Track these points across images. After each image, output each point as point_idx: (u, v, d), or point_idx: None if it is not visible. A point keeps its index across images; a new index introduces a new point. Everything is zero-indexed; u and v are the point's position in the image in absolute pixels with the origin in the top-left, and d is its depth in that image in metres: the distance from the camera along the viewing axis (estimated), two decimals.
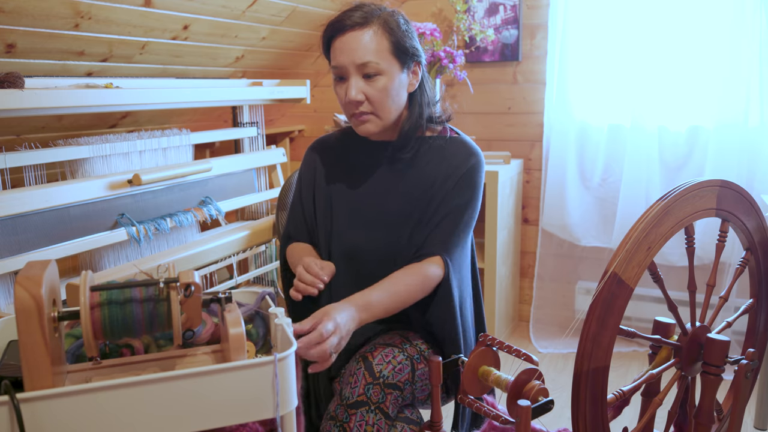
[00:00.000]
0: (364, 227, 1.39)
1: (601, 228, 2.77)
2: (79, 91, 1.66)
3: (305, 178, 1.50)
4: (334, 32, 1.27)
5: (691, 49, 2.49)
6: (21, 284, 0.78)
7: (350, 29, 1.25)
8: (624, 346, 2.74)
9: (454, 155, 1.36)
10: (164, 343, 1.03)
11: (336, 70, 1.29)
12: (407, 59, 1.30)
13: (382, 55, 1.25)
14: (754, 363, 1.25)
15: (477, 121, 2.97)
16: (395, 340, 1.29)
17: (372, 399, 1.18)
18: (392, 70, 1.27)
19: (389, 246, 1.36)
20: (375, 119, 1.31)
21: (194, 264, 1.81)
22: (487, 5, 2.81)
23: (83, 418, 0.78)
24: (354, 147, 1.46)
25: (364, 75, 1.26)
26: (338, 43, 1.27)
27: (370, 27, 1.25)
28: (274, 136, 3.21)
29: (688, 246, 1.23)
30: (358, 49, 1.24)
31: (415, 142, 1.37)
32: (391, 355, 1.23)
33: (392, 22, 1.27)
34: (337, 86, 1.31)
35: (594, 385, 1.08)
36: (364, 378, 1.19)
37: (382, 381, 1.19)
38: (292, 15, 2.51)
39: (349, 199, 1.42)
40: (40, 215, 1.58)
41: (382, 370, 1.20)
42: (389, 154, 1.39)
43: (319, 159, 1.49)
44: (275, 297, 1.05)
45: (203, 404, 0.83)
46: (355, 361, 1.23)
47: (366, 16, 1.26)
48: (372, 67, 1.25)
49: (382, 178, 1.40)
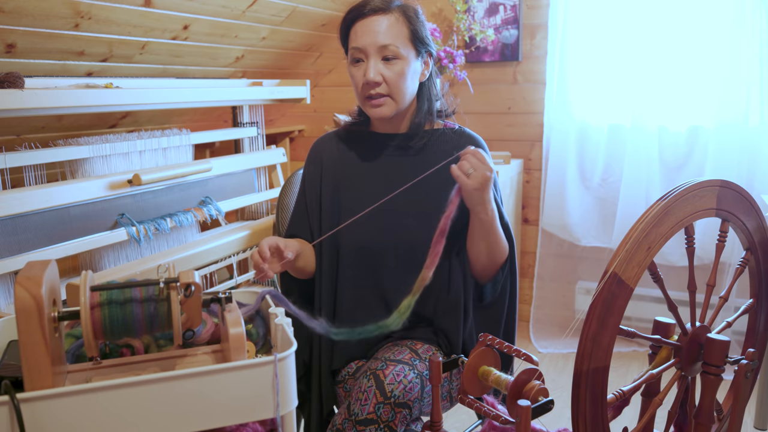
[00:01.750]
0: (374, 218, 1.39)
1: (601, 228, 2.77)
2: (79, 91, 1.66)
3: (310, 173, 1.50)
4: (357, 15, 1.34)
5: (691, 49, 2.49)
6: (21, 284, 0.78)
7: (373, 13, 1.32)
8: (624, 346, 2.74)
9: (465, 144, 1.39)
10: (164, 343, 1.03)
11: (355, 52, 1.34)
12: (422, 48, 1.37)
13: (402, 40, 1.32)
14: (754, 363, 1.25)
15: (477, 121, 2.97)
16: (405, 355, 1.29)
17: (382, 418, 1.18)
18: (409, 56, 1.34)
19: (399, 236, 1.37)
20: (390, 102, 1.35)
21: (194, 264, 1.81)
22: (487, 5, 2.81)
23: (83, 418, 0.78)
24: (360, 140, 1.47)
25: (383, 58, 1.32)
26: (360, 26, 1.33)
27: (392, 13, 1.32)
28: (274, 136, 3.21)
29: (688, 246, 1.23)
30: (380, 32, 1.31)
31: (424, 134, 1.42)
32: (402, 374, 1.22)
33: (411, 11, 1.35)
34: (354, 68, 1.36)
35: (594, 385, 1.08)
36: (375, 397, 1.19)
37: (393, 401, 1.19)
38: (292, 15, 2.51)
39: (357, 190, 1.43)
40: (40, 215, 1.58)
41: (393, 390, 1.19)
42: (398, 144, 1.42)
43: (325, 154, 1.50)
44: (280, 296, 1.05)
45: (203, 404, 0.83)
46: (365, 378, 1.22)
47: (387, 2, 1.33)
48: (391, 51, 1.31)
49: (391, 169, 1.42)
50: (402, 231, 1.37)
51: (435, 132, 1.43)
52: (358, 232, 1.38)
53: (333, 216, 1.43)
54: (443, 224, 1.19)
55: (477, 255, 1.36)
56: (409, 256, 1.35)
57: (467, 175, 1.22)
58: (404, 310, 1.17)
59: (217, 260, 1.92)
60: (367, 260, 1.38)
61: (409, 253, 1.35)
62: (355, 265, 1.39)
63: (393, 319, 1.17)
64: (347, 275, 1.39)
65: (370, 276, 1.38)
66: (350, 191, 1.44)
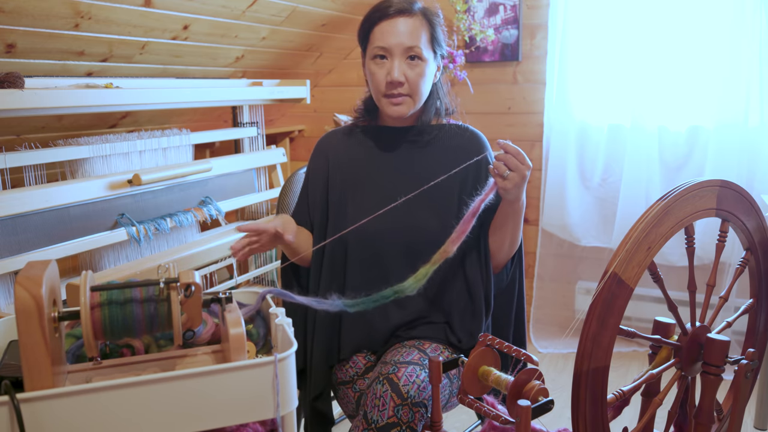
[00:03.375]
0: (381, 209, 1.40)
1: (601, 228, 2.77)
2: (79, 91, 1.66)
3: (315, 167, 1.51)
4: (381, 16, 1.36)
5: (691, 49, 2.49)
6: (21, 284, 0.78)
7: (398, 15, 1.34)
8: (624, 346, 2.74)
9: (470, 140, 1.46)
10: (164, 343, 1.03)
11: (379, 50, 1.36)
12: (439, 51, 1.40)
13: (424, 43, 1.35)
14: (754, 363, 1.25)
15: (477, 121, 2.96)
16: (414, 356, 1.29)
17: (402, 419, 1.18)
18: (429, 58, 1.37)
19: (406, 226, 1.38)
20: (409, 101, 1.38)
21: (194, 264, 1.82)
22: (487, 5, 2.81)
23: (83, 418, 0.78)
24: (367, 134, 1.49)
25: (408, 58, 1.34)
26: (385, 26, 1.35)
27: (416, 16, 1.35)
28: (274, 136, 3.21)
29: (688, 246, 1.23)
30: (407, 33, 1.33)
31: (431, 129, 1.45)
32: (414, 374, 1.23)
33: (432, 14, 1.38)
34: (375, 66, 1.37)
35: (594, 385, 1.08)
36: (392, 400, 1.19)
37: (410, 401, 1.19)
38: (292, 15, 2.51)
39: (365, 183, 1.45)
40: (40, 215, 1.58)
41: (408, 390, 1.20)
42: (405, 138, 1.45)
43: (330, 148, 1.51)
44: (283, 291, 1.05)
45: (204, 404, 0.83)
46: (379, 383, 1.22)
47: (410, 4, 1.36)
48: (416, 52, 1.34)
49: (399, 161, 1.44)
50: (408, 221, 1.38)
51: (442, 127, 1.46)
52: (366, 226, 1.39)
53: (340, 208, 1.45)
54: (477, 206, 1.22)
55: (501, 242, 1.39)
56: (415, 246, 1.36)
57: (503, 177, 1.24)
58: (421, 276, 1.19)
59: (217, 260, 1.92)
60: (373, 250, 1.39)
61: (416, 244, 1.37)
62: (362, 255, 1.40)
63: (409, 283, 1.19)
64: (353, 265, 1.40)
65: (375, 266, 1.40)
66: (358, 184, 1.45)
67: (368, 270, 1.40)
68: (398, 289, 1.18)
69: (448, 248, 1.21)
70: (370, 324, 1.38)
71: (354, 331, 1.40)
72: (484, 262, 1.41)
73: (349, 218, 1.42)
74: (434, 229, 1.37)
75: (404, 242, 1.38)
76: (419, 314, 1.38)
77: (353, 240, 1.40)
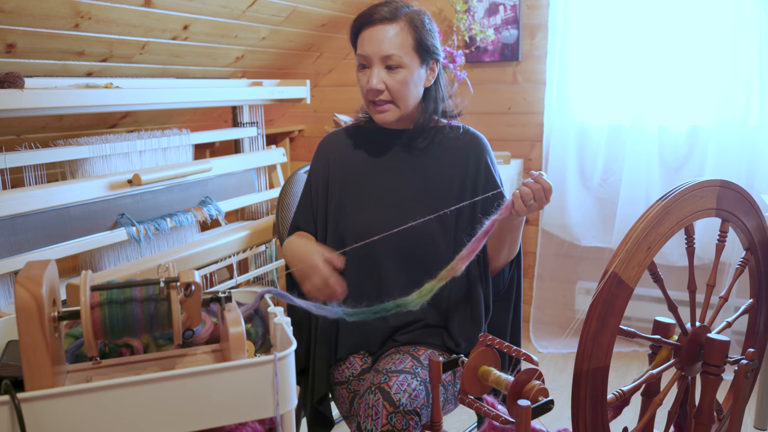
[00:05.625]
0: (380, 211, 1.41)
1: (601, 228, 2.77)
2: (79, 91, 1.66)
3: (316, 168, 1.52)
4: (364, 23, 1.36)
5: (691, 49, 2.49)
6: (21, 284, 0.78)
7: (378, 22, 1.33)
8: (624, 346, 2.74)
9: (470, 142, 1.45)
10: (164, 342, 1.03)
11: (361, 58, 1.37)
12: (427, 56, 1.38)
13: (405, 50, 1.34)
14: (754, 363, 1.25)
15: (477, 121, 2.96)
16: (406, 364, 1.29)
17: (397, 427, 1.18)
18: (413, 65, 1.35)
19: (403, 230, 1.38)
20: (393, 108, 1.38)
21: (194, 264, 1.81)
22: (487, 5, 2.81)
23: (83, 417, 0.78)
24: (367, 136, 1.50)
25: (386, 66, 1.34)
26: (366, 33, 1.35)
27: (397, 23, 1.34)
28: (274, 136, 3.21)
29: (688, 246, 1.23)
30: (384, 41, 1.33)
31: (429, 132, 1.45)
32: (405, 383, 1.23)
33: (417, 21, 1.36)
34: (360, 73, 1.39)
35: (594, 385, 1.08)
36: (384, 408, 1.20)
37: (402, 409, 1.20)
38: (292, 15, 2.51)
39: (364, 183, 1.45)
40: (40, 215, 1.58)
41: (400, 398, 1.20)
42: (404, 141, 1.45)
43: (332, 149, 1.52)
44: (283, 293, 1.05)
45: (203, 403, 0.83)
46: (371, 393, 1.22)
47: (394, 11, 1.34)
48: (395, 60, 1.33)
49: (398, 164, 1.45)
50: (405, 221, 1.37)
51: (441, 129, 1.45)
52: (364, 226, 1.40)
53: (339, 209, 1.45)
54: (490, 226, 1.22)
55: (500, 248, 1.40)
56: (412, 251, 1.37)
57: (524, 203, 1.24)
58: (426, 293, 1.19)
59: (217, 260, 1.92)
60: (368, 250, 1.38)
61: (413, 249, 1.37)
62: (358, 254, 1.39)
63: (412, 299, 1.18)
64: (350, 264, 1.40)
65: (373, 270, 1.40)
66: (357, 184, 1.45)
67: (363, 269, 1.40)
68: (401, 303, 1.17)
69: (456, 265, 1.20)
70: (367, 325, 1.38)
71: (351, 331, 1.40)
72: (483, 267, 1.40)
73: (349, 219, 1.42)
74: (431, 231, 1.37)
75: (399, 242, 1.37)
76: (417, 317, 1.38)
77: (350, 239, 1.40)
